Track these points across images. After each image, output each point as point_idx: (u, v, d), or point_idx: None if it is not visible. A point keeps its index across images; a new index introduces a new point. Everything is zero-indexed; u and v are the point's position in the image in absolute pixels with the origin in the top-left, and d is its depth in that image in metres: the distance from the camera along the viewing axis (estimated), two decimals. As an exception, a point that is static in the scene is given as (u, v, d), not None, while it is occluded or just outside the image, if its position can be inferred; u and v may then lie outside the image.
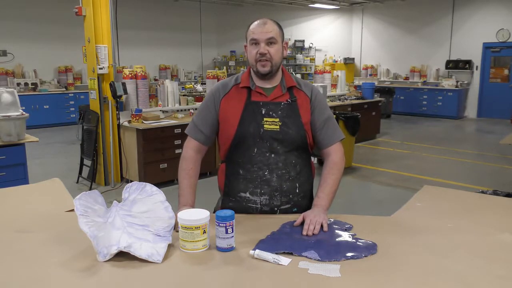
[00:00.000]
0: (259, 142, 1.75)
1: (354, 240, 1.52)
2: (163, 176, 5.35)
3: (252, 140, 1.75)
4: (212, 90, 1.87)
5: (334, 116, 6.08)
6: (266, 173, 1.75)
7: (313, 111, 1.82)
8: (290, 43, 13.90)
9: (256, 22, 1.74)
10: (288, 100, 1.79)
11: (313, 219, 1.60)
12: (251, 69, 1.83)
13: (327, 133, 1.84)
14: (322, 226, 1.59)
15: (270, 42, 1.71)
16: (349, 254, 1.41)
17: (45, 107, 9.85)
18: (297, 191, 1.81)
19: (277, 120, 1.76)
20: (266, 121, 1.75)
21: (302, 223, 1.62)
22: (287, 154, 1.77)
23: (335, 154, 1.84)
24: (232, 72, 12.20)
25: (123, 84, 5.44)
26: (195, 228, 1.42)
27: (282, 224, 1.65)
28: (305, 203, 1.86)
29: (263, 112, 1.76)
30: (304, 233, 1.55)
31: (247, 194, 1.78)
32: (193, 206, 1.75)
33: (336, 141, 1.85)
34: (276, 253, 1.39)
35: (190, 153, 1.84)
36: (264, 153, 1.75)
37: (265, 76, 1.77)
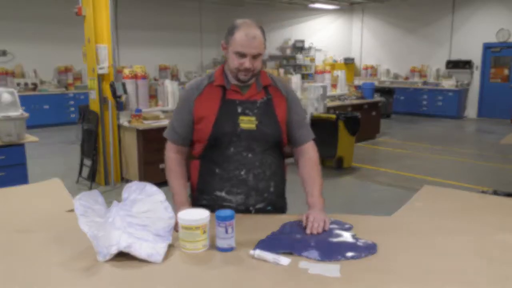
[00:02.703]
0: (235, 141, 1.74)
1: (354, 240, 1.52)
2: (163, 176, 5.28)
3: (229, 139, 1.74)
4: (185, 91, 1.85)
5: (334, 116, 6.15)
6: (242, 172, 1.75)
7: (289, 110, 1.83)
8: (290, 43, 13.91)
9: (243, 33, 1.66)
10: (264, 98, 1.78)
11: (317, 217, 1.62)
12: (225, 68, 1.80)
13: (303, 131, 1.87)
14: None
15: (256, 56, 1.69)
16: (349, 254, 1.41)
17: (45, 107, 9.85)
18: (272, 190, 1.82)
19: (254, 118, 1.75)
20: (242, 119, 1.74)
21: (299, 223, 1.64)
22: (263, 153, 1.77)
23: (313, 151, 1.87)
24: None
25: (123, 84, 5.44)
26: (195, 228, 1.42)
27: (282, 224, 1.65)
28: (279, 201, 1.89)
29: (239, 110, 1.75)
30: (309, 231, 1.56)
31: (223, 193, 1.77)
32: (190, 205, 1.75)
33: (311, 138, 1.89)
34: (276, 253, 1.39)
35: (171, 155, 1.85)
36: (241, 152, 1.74)
37: (244, 82, 1.76)
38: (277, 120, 1.78)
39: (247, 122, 1.74)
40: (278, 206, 1.87)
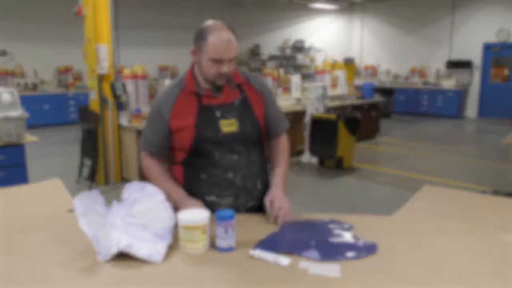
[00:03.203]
0: (219, 146, 1.71)
1: (354, 240, 1.52)
2: (163, 176, 5.34)
3: (212, 145, 1.71)
4: (156, 102, 1.77)
5: (335, 116, 6.15)
6: (230, 175, 1.73)
7: (266, 104, 1.82)
8: (290, 43, 13.91)
9: (217, 38, 1.60)
10: (239, 97, 1.76)
11: (282, 206, 1.67)
12: (194, 72, 1.75)
13: (279, 124, 1.90)
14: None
15: (231, 59, 1.65)
16: (349, 254, 1.41)
17: (45, 107, 9.85)
18: (259, 187, 1.82)
19: (234, 120, 1.72)
20: (223, 123, 1.71)
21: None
22: (248, 152, 1.77)
23: (285, 140, 1.92)
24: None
25: (123, 84, 5.44)
26: (195, 228, 1.42)
27: (282, 224, 1.65)
28: (262, 195, 1.88)
29: (218, 115, 1.71)
30: (278, 221, 1.64)
31: (213, 197, 1.74)
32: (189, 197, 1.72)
33: (285, 129, 1.93)
34: (276, 253, 1.39)
35: (149, 162, 1.80)
36: (226, 156, 1.72)
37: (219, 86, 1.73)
38: (256, 118, 1.77)
39: (228, 125, 1.72)
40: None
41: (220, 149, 1.72)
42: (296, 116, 6.78)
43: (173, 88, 1.76)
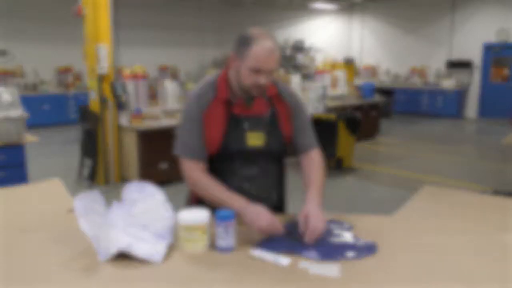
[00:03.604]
0: (242, 157, 1.70)
1: (354, 240, 1.52)
2: (163, 176, 5.35)
3: (236, 156, 1.69)
4: (189, 107, 1.70)
5: (334, 117, 6.15)
6: (246, 185, 1.71)
7: (294, 116, 1.76)
8: (290, 43, 13.91)
9: (261, 47, 1.53)
10: (269, 111, 1.71)
11: (317, 225, 1.49)
12: (229, 77, 1.68)
13: (308, 137, 1.80)
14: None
15: (271, 71, 1.59)
16: (349, 254, 1.41)
17: (45, 107, 9.85)
18: (274, 197, 1.82)
19: (261, 134, 1.69)
20: (250, 136, 1.68)
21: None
22: (268, 165, 1.76)
23: (318, 155, 1.79)
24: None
25: (123, 84, 5.44)
26: (195, 228, 1.42)
27: (282, 224, 1.65)
28: (280, 205, 1.88)
29: (246, 126, 1.67)
30: (307, 239, 1.47)
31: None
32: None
33: (316, 146, 1.81)
34: (276, 253, 1.39)
35: (198, 174, 1.67)
36: (246, 166, 1.71)
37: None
38: (283, 135, 1.73)
39: (255, 139, 1.68)
40: (278, 209, 1.86)
41: (242, 160, 1.70)
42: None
43: (205, 94, 1.68)
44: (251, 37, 1.56)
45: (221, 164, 1.71)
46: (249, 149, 1.69)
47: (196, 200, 1.76)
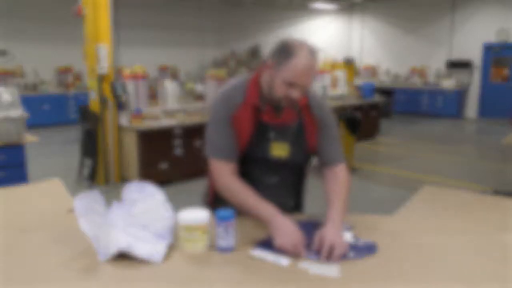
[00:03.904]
0: (264, 166, 1.67)
1: (354, 240, 1.52)
2: (163, 176, 5.35)
3: (258, 163, 1.66)
4: (217, 107, 1.64)
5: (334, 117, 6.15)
6: (264, 194, 1.61)
7: (322, 129, 1.69)
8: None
9: (303, 62, 1.46)
10: (297, 122, 1.65)
11: (336, 243, 1.40)
12: (260, 83, 1.61)
13: (334, 151, 1.72)
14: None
15: (305, 87, 1.54)
16: (349, 254, 1.41)
17: (45, 107, 9.85)
18: (290, 204, 1.81)
19: (286, 145, 1.64)
20: (275, 146, 1.63)
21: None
22: (289, 176, 1.74)
23: (345, 172, 1.71)
24: (232, 72, 12.17)
25: (123, 84, 5.43)
26: (195, 228, 1.42)
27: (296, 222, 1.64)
28: (296, 210, 1.85)
29: (272, 136, 1.63)
30: (324, 256, 1.38)
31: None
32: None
33: (342, 160, 1.73)
34: (276, 253, 1.39)
35: (229, 179, 1.60)
36: (266, 175, 1.69)
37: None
38: (307, 147, 1.69)
39: (280, 149, 1.64)
40: (295, 209, 1.84)
41: (263, 169, 1.68)
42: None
43: (234, 97, 1.62)
44: (292, 48, 1.49)
45: (241, 168, 1.66)
46: (272, 159, 1.65)
47: (214, 199, 1.74)
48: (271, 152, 1.64)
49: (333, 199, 1.60)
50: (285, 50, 1.50)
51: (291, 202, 1.81)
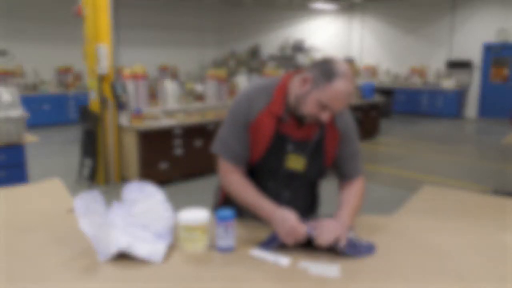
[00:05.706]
0: (277, 178, 1.62)
1: (354, 240, 1.52)
2: (163, 176, 5.35)
3: (270, 174, 1.62)
4: (238, 108, 1.58)
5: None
6: (275, 201, 1.56)
7: (342, 142, 1.64)
8: (290, 43, 13.91)
9: (342, 88, 1.43)
10: (317, 136, 1.59)
11: (331, 227, 1.41)
12: (289, 92, 1.54)
13: (353, 165, 1.68)
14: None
15: (336, 111, 1.50)
16: (347, 250, 1.41)
17: (45, 107, 9.85)
18: (302, 215, 1.79)
19: (302, 158, 1.59)
20: (291, 158, 1.58)
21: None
22: (301, 189, 1.70)
23: (362, 184, 1.67)
24: (232, 72, 12.16)
25: (123, 84, 5.43)
26: (195, 228, 1.42)
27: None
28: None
29: (290, 148, 1.57)
30: (319, 241, 1.39)
31: (250, 213, 1.63)
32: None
33: (361, 173, 1.70)
34: (276, 253, 1.39)
35: (234, 177, 1.59)
36: (278, 188, 1.64)
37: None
38: (325, 162, 1.63)
39: (295, 162, 1.59)
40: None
41: (277, 181, 1.63)
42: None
43: (258, 99, 1.56)
44: (336, 72, 1.45)
45: (253, 175, 1.64)
46: (286, 171, 1.61)
47: (224, 199, 1.73)
48: (287, 164, 1.59)
49: (344, 205, 1.59)
50: (328, 71, 1.45)
51: (302, 213, 1.78)
